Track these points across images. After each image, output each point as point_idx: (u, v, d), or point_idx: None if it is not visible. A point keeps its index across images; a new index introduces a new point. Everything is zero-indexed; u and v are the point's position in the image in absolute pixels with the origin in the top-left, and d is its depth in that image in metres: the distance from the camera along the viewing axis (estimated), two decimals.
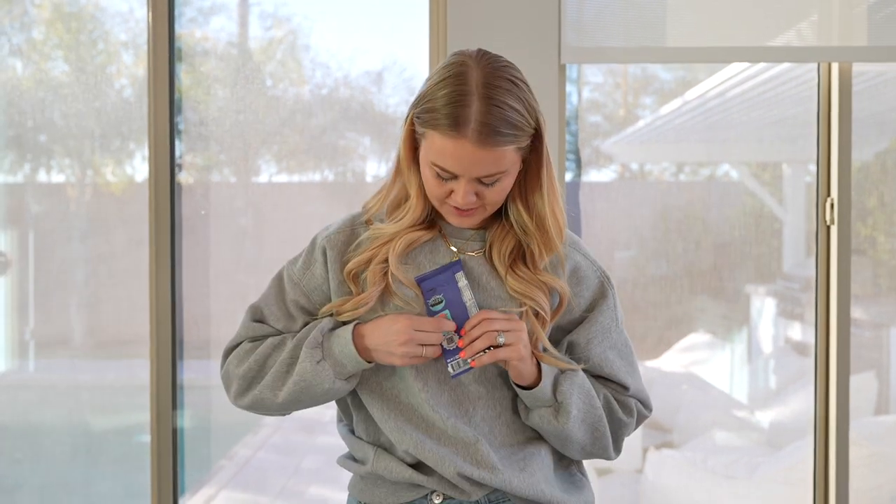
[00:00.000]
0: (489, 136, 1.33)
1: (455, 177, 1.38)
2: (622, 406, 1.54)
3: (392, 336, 1.41)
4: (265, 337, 1.54)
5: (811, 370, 2.94)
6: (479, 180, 1.38)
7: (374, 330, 1.44)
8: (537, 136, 1.41)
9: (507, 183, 1.41)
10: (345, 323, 1.48)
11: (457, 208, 1.42)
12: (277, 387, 1.47)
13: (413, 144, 1.44)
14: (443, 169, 1.38)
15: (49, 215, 3.34)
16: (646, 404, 1.58)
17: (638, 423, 1.58)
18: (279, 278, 1.56)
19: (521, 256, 1.47)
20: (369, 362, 1.45)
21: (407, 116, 1.44)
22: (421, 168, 1.43)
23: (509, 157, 1.37)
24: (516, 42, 2.61)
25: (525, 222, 1.46)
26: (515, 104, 1.36)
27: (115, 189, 3.30)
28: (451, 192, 1.40)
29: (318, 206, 3.31)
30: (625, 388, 1.53)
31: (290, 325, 1.54)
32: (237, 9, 3.25)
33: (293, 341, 1.49)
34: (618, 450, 1.56)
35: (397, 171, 1.48)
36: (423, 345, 1.41)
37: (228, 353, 1.56)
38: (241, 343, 1.55)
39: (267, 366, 1.50)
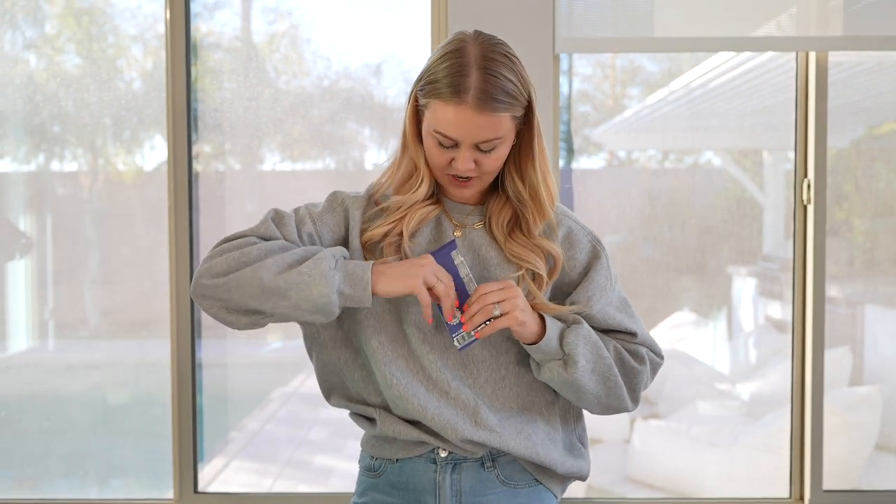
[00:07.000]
0: (487, 103, 1.40)
1: (456, 145, 1.44)
2: (633, 354, 1.56)
3: (417, 261, 1.44)
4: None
5: (789, 346, 3.01)
6: (478, 147, 1.44)
7: (396, 263, 1.46)
8: (529, 109, 1.48)
9: (503, 151, 1.47)
10: None
11: (456, 177, 1.49)
12: (275, 271, 1.40)
13: (417, 120, 1.50)
14: (445, 136, 1.43)
15: (65, 202, 3.34)
16: (655, 351, 1.60)
17: (653, 371, 1.60)
18: (296, 211, 1.55)
19: (517, 225, 1.54)
20: (373, 296, 1.43)
21: (411, 93, 1.51)
22: (424, 140, 1.49)
23: (505, 125, 1.44)
24: (514, 34, 2.54)
25: (520, 191, 1.52)
26: (510, 75, 1.42)
27: (125, 177, 3.32)
28: (452, 160, 1.46)
29: (321, 193, 3.33)
30: (632, 334, 1.57)
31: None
32: (241, 4, 3.27)
33: (308, 247, 1.46)
34: (635, 400, 1.57)
35: (404, 147, 1.53)
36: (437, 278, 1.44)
37: (227, 241, 1.48)
38: (247, 236, 1.47)
39: (268, 255, 1.42)
